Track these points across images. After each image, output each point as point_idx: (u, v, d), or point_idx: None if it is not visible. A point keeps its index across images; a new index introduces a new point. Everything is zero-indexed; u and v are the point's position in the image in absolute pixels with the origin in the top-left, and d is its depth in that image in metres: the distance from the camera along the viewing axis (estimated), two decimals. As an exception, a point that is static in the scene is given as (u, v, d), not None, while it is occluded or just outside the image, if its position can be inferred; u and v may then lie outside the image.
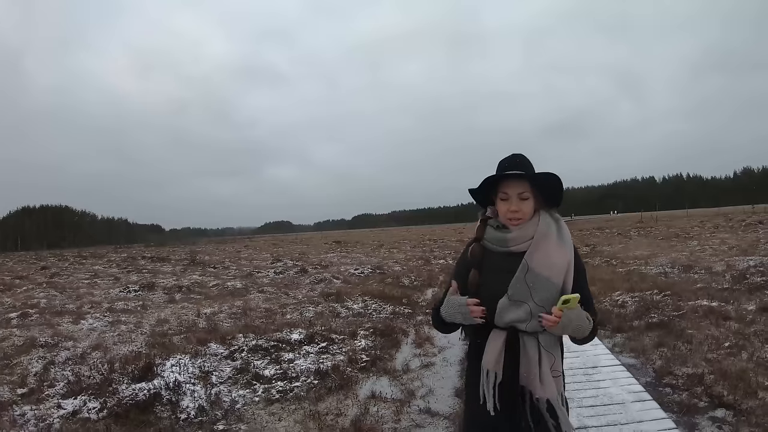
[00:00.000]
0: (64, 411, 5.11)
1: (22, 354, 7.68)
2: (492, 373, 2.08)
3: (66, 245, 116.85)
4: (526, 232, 2.15)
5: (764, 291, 8.96)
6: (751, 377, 4.83)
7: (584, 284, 2.19)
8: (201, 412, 4.88)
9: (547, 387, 2.05)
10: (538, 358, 2.06)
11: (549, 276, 2.07)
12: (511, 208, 2.15)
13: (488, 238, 2.22)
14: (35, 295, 15.66)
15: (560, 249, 2.14)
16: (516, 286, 2.08)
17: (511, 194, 2.15)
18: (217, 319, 9.71)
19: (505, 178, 2.16)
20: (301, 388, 5.52)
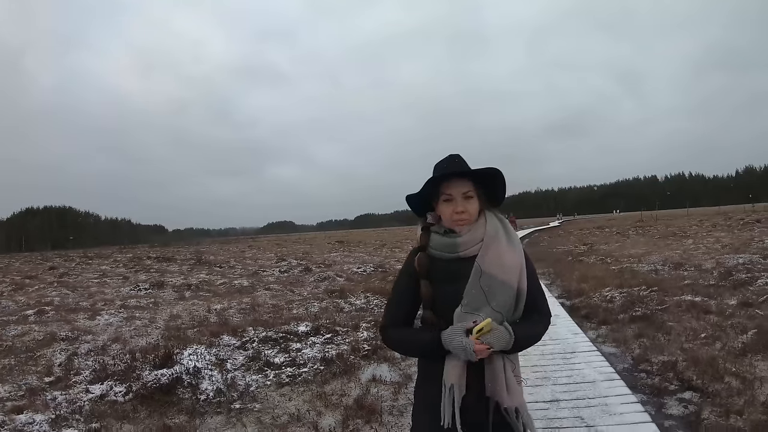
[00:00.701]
0: (93, 395, 5.59)
1: (44, 347, 8.13)
2: (457, 387, 1.97)
3: (70, 246, 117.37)
4: (475, 235, 2.07)
5: (747, 287, 9.42)
6: (720, 364, 5.29)
7: (536, 284, 2.14)
8: (219, 393, 5.38)
9: (514, 395, 2.00)
10: (503, 366, 2.00)
11: (504, 279, 2.02)
12: (457, 209, 2.05)
13: (434, 245, 2.11)
14: (48, 294, 16.24)
15: (511, 250, 2.08)
16: (471, 293, 2.00)
17: (455, 194, 2.07)
18: (227, 315, 10.22)
19: (447, 179, 2.07)
20: (308, 373, 6.04)
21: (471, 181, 2.07)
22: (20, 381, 6.35)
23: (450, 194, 2.06)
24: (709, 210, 79.88)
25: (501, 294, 1.99)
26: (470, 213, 2.06)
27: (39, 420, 4.84)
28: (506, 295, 2.00)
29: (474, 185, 2.08)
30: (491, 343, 1.88)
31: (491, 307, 1.96)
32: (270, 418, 4.80)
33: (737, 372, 5.05)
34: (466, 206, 2.05)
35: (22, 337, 8.95)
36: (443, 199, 2.07)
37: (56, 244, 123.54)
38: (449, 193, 2.06)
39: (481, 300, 1.97)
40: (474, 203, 2.07)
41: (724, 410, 4.26)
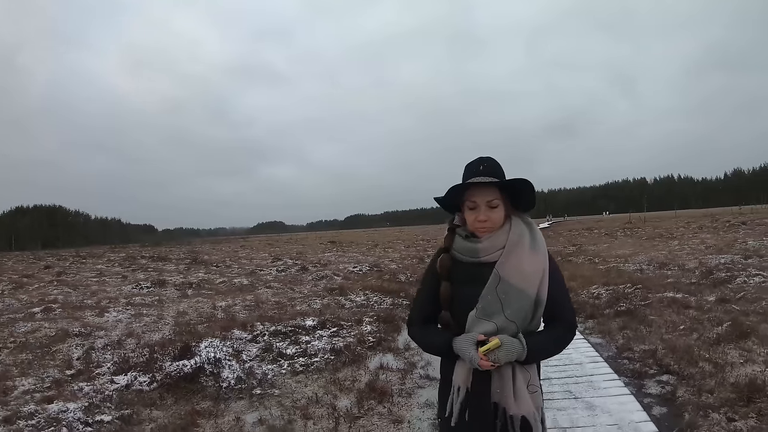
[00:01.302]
0: (118, 385, 6.00)
1: (58, 343, 8.50)
2: (463, 388, 2.03)
3: (60, 245, 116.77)
4: (496, 241, 2.06)
5: (726, 285, 9.99)
6: (696, 352, 5.84)
7: (561, 292, 2.12)
8: (239, 381, 5.84)
9: (522, 403, 1.98)
10: (512, 374, 1.99)
11: (522, 287, 1.99)
12: (479, 218, 2.05)
13: (457, 248, 2.12)
14: (50, 292, 16.42)
15: (533, 257, 2.05)
16: (486, 299, 2.00)
17: (479, 203, 2.05)
18: (233, 311, 10.66)
19: (472, 186, 2.05)
20: (320, 362, 6.54)
21: (498, 188, 2.06)
22: (42, 374, 6.71)
23: (474, 201, 2.05)
24: (696, 212, 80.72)
25: (517, 302, 1.98)
26: (493, 221, 2.05)
27: (72, 408, 5.21)
28: (523, 304, 1.99)
29: (501, 193, 2.06)
30: (498, 360, 1.90)
31: (505, 316, 1.97)
32: (290, 401, 5.29)
33: (710, 358, 5.60)
34: (489, 215, 2.04)
35: (33, 334, 9.25)
36: (468, 206, 2.07)
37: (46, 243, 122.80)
38: (473, 200, 2.05)
39: (496, 307, 1.98)
40: (498, 212, 2.06)
41: (697, 390, 4.81)
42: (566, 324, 2.08)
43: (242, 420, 4.81)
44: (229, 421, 4.79)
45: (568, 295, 2.16)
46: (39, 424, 4.94)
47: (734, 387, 4.72)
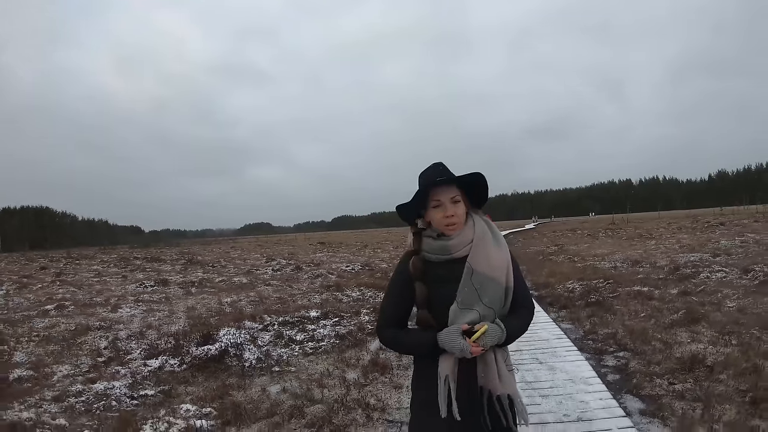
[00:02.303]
0: (151, 367, 6.86)
1: (80, 336, 9.23)
2: (452, 378, 2.11)
3: (48, 246, 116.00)
4: (464, 237, 2.21)
5: (691, 280, 11.01)
6: (650, 333, 6.85)
7: (521, 280, 2.29)
8: (259, 361, 6.75)
9: (506, 383, 2.13)
10: (494, 357, 2.13)
11: (493, 276, 2.15)
12: (447, 214, 2.18)
13: (428, 249, 2.24)
14: (54, 292, 16.99)
15: (498, 250, 2.21)
16: (464, 291, 2.13)
17: (444, 200, 2.19)
18: (239, 306, 11.50)
19: (435, 186, 2.19)
20: (326, 346, 7.51)
21: (456, 186, 2.22)
22: (76, 361, 7.48)
23: (439, 200, 2.19)
24: (679, 213, 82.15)
25: (491, 290, 2.13)
26: (459, 216, 2.20)
27: (117, 385, 6.05)
28: (496, 292, 2.14)
29: (459, 190, 2.22)
30: (486, 344, 2.03)
31: (483, 303, 2.11)
32: (305, 375, 6.21)
33: (662, 338, 6.59)
34: (455, 210, 2.18)
35: (52, 329, 9.91)
36: (433, 206, 2.21)
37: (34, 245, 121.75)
38: (438, 199, 2.19)
39: (474, 297, 2.11)
40: (461, 207, 2.21)
41: (647, 362, 5.81)
42: (529, 307, 2.29)
43: (267, 390, 5.70)
44: (256, 392, 5.68)
45: (525, 284, 2.36)
46: (89, 399, 5.72)
47: (678, 360, 5.68)
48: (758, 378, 4.89)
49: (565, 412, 4.64)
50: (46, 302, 14.20)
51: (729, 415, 4.21)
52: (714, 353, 5.76)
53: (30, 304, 14.08)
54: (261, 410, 5.07)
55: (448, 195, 2.19)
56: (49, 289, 17.98)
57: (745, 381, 4.86)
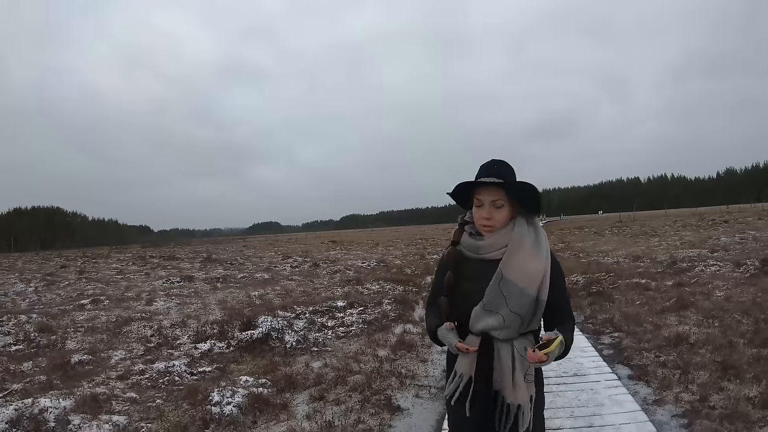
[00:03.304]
0: (200, 350, 7.76)
1: (123, 326, 10.00)
2: (466, 376, 2.13)
3: (59, 246, 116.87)
4: (499, 240, 2.15)
5: (686, 273, 11.88)
6: (643, 317, 7.76)
7: (562, 289, 2.22)
8: (299, 343, 7.68)
9: (519, 392, 2.09)
10: (512, 364, 2.09)
11: (523, 286, 2.07)
12: (483, 215, 2.14)
13: (463, 244, 2.24)
14: (83, 288, 17.78)
15: (535, 258, 2.12)
16: (490, 295, 2.09)
17: (485, 201, 2.14)
18: (267, 298, 12.40)
19: (479, 185, 2.15)
20: (356, 330, 8.45)
21: (504, 189, 2.13)
22: (127, 347, 8.27)
23: (480, 200, 2.15)
24: (686, 211, 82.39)
25: (519, 299, 2.07)
26: (496, 221, 2.15)
27: (177, 364, 6.90)
28: (524, 301, 2.08)
29: (507, 194, 2.14)
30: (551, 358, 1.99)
31: (509, 309, 2.07)
32: (341, 353, 7.14)
33: (653, 322, 7.49)
34: (492, 214, 2.14)
35: (94, 321, 10.67)
36: (475, 204, 2.19)
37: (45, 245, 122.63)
38: (480, 198, 2.16)
39: (500, 302, 2.07)
40: (503, 212, 2.15)
41: (637, 340, 6.72)
42: (570, 321, 2.22)
43: (310, 366, 6.61)
44: (300, 367, 6.58)
45: (568, 294, 2.34)
46: (152, 377, 6.56)
47: (665, 338, 6.59)
48: (732, 351, 5.79)
49: (564, 370, 5.65)
50: (77, 298, 14.98)
51: (702, 379, 5.10)
52: (697, 333, 6.67)
53: (62, 300, 14.80)
54: (309, 380, 5.99)
55: (490, 197, 2.15)
56: (77, 286, 18.72)
57: (721, 354, 5.74)
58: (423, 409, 5.07)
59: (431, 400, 5.32)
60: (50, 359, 7.55)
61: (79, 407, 5.28)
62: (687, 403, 4.59)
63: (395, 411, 4.97)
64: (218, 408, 5.06)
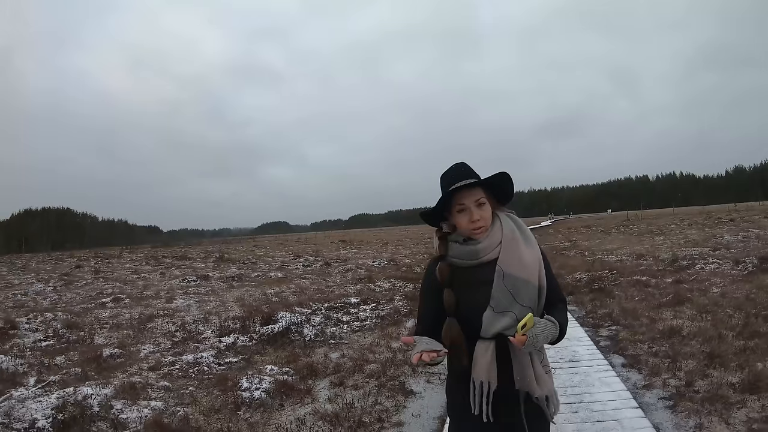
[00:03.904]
0: (225, 343, 8.27)
1: (147, 322, 10.50)
2: (486, 382, 2.06)
3: (70, 247, 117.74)
4: (493, 239, 2.14)
5: (686, 270, 12.35)
6: (640, 312, 8.24)
7: (550, 271, 2.21)
8: (317, 336, 8.21)
9: (544, 384, 2.08)
10: (530, 360, 2.07)
11: (525, 277, 2.07)
12: (473, 218, 2.10)
13: (455, 254, 2.18)
14: (101, 287, 18.38)
15: (529, 249, 2.14)
16: (497, 296, 2.05)
17: (468, 204, 2.11)
18: (283, 296, 12.94)
19: (458, 190, 2.10)
20: (370, 324, 8.97)
21: (481, 187, 2.13)
22: (154, 342, 8.80)
23: (463, 204, 2.11)
24: (693, 209, 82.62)
25: (525, 291, 2.05)
26: (485, 218, 2.12)
27: (205, 356, 7.44)
28: (529, 292, 2.07)
29: (484, 191, 2.14)
30: (537, 337, 1.94)
31: (519, 305, 2.03)
32: (357, 345, 7.66)
33: (649, 316, 7.98)
34: (480, 213, 2.11)
35: (117, 318, 11.19)
36: (457, 210, 2.13)
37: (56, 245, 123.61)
38: (462, 203, 2.11)
39: (508, 300, 2.04)
40: (487, 209, 2.13)
41: (633, 332, 7.20)
42: (562, 302, 2.20)
43: (329, 356, 7.14)
44: (320, 357, 7.11)
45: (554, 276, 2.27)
46: (182, 367, 7.08)
47: (660, 331, 7.07)
48: (720, 343, 6.26)
49: (561, 357, 6.26)
50: (97, 296, 15.52)
51: (689, 367, 5.58)
52: (690, 326, 7.16)
53: (82, 299, 15.34)
54: (329, 368, 6.52)
55: (472, 198, 2.11)
56: (95, 285, 19.36)
57: (709, 345, 6.21)
58: (433, 393, 5.58)
59: (440, 385, 5.81)
60: (81, 353, 8.05)
61: (118, 394, 5.81)
62: (673, 388, 5.06)
63: (409, 394, 5.48)
64: (248, 393, 5.58)
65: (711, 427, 4.16)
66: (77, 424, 5.03)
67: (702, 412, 4.43)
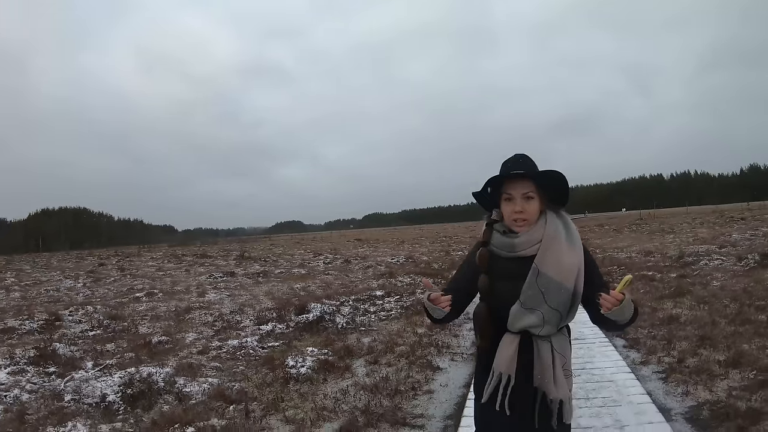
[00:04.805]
0: (264, 330, 9.09)
1: (184, 314, 11.29)
2: (505, 375, 2.10)
3: (88, 246, 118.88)
4: (533, 235, 2.13)
5: (691, 266, 13.08)
6: (643, 302, 9.00)
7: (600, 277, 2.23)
8: (348, 324, 9.04)
9: (561, 388, 2.10)
10: (552, 361, 2.10)
11: (561, 280, 2.06)
12: (516, 209, 2.12)
13: (495, 243, 2.19)
14: (131, 283, 19.29)
15: (570, 251, 2.12)
16: (528, 293, 2.08)
17: (515, 194, 2.12)
18: (310, 290, 13.77)
19: (509, 178, 2.12)
20: (395, 314, 9.78)
21: (533, 181, 2.14)
22: (196, 330, 9.55)
23: (510, 194, 2.14)
24: (706, 208, 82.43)
25: (557, 294, 2.07)
26: (529, 213, 2.14)
27: (249, 340, 8.26)
28: (562, 296, 2.07)
29: (536, 186, 2.15)
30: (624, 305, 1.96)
31: (548, 306, 2.07)
32: (386, 332, 8.48)
33: (651, 306, 8.74)
34: (525, 206, 2.13)
35: (154, 311, 11.96)
36: (504, 198, 2.17)
37: (74, 244, 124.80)
38: (509, 193, 2.14)
39: (538, 299, 2.07)
40: (534, 204, 2.14)
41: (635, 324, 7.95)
42: None
43: (361, 341, 7.95)
44: (352, 342, 7.92)
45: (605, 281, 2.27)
46: (229, 351, 7.84)
47: (659, 318, 7.83)
48: (713, 328, 7.01)
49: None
50: (128, 292, 16.34)
51: (682, 347, 6.34)
52: (687, 315, 7.91)
53: (114, 294, 16.16)
54: (363, 350, 7.35)
55: (520, 190, 2.13)
56: (123, 281, 20.29)
57: (703, 330, 6.96)
58: (457, 368, 6.40)
59: (463, 363, 6.64)
60: (129, 341, 8.82)
61: (178, 372, 6.60)
62: (666, 364, 5.84)
63: (436, 369, 6.31)
64: (295, 370, 6.38)
65: (696, 394, 4.91)
66: (145, 397, 5.77)
67: (689, 382, 5.19)
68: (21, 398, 5.94)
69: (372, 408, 5.04)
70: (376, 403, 5.18)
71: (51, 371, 6.96)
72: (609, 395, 5.05)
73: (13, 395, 6.00)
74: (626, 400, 4.90)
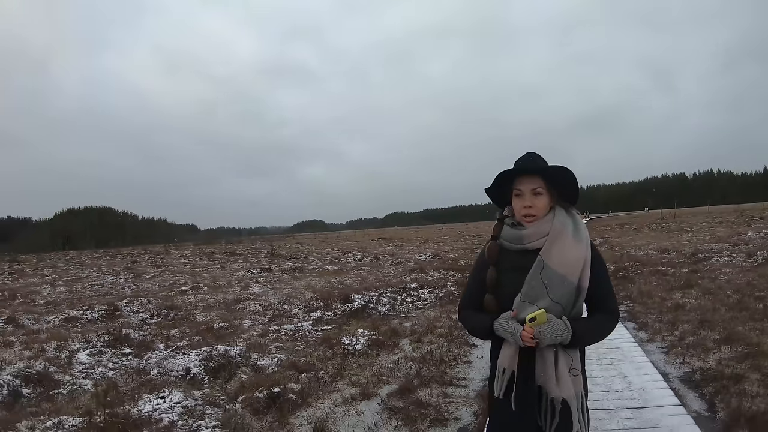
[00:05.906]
0: (314, 317, 10.20)
1: (235, 305, 12.34)
2: (509, 370, 2.13)
3: (113, 244, 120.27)
4: (540, 228, 2.17)
5: (703, 262, 14.03)
6: (654, 293, 10.02)
7: (604, 280, 2.21)
8: (389, 311, 10.16)
9: (564, 387, 2.08)
10: (555, 359, 2.09)
11: (564, 273, 2.08)
12: (525, 204, 2.17)
13: (504, 236, 2.24)
14: (173, 279, 20.37)
15: (576, 246, 2.14)
16: (530, 284, 2.10)
17: (524, 190, 2.17)
18: (347, 283, 14.85)
19: (519, 174, 2.18)
20: (430, 304, 10.88)
21: (542, 178, 2.18)
22: (250, 318, 10.62)
23: (520, 189, 2.20)
24: (728, 207, 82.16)
25: (560, 287, 2.08)
26: (537, 208, 2.18)
27: (305, 325, 9.38)
28: (565, 289, 2.09)
29: (545, 182, 2.19)
30: (544, 333, 2.00)
31: (550, 298, 2.08)
32: (424, 318, 9.57)
33: (661, 296, 9.76)
34: (533, 201, 2.17)
35: (202, 302, 12.95)
36: (514, 194, 2.23)
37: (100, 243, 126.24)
38: (519, 189, 2.20)
39: (540, 291, 2.09)
40: (542, 199, 2.18)
41: (646, 307, 8.99)
42: (608, 312, 2.19)
43: (403, 325, 9.05)
44: (395, 326, 9.01)
45: (611, 284, 2.27)
46: (287, 333, 8.94)
47: (668, 306, 8.85)
48: (714, 314, 8.02)
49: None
50: (171, 286, 17.47)
51: (684, 328, 7.36)
52: (693, 303, 8.92)
53: (159, 288, 17.23)
54: (407, 331, 8.46)
55: (529, 185, 2.18)
56: (163, 277, 21.41)
57: (704, 314, 7.97)
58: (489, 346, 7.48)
59: (495, 342, 7.72)
60: (191, 327, 9.75)
61: (249, 350, 7.71)
62: (668, 341, 6.88)
63: (472, 346, 7.40)
64: (351, 347, 7.49)
65: (691, 363, 5.94)
66: (225, 369, 6.84)
67: (686, 354, 6.22)
68: (107, 375, 6.90)
69: (423, 373, 6.13)
70: (425, 370, 6.26)
71: (127, 352, 7.90)
72: (616, 357, 6.21)
73: (99, 372, 7.00)
74: (629, 360, 6.11)
